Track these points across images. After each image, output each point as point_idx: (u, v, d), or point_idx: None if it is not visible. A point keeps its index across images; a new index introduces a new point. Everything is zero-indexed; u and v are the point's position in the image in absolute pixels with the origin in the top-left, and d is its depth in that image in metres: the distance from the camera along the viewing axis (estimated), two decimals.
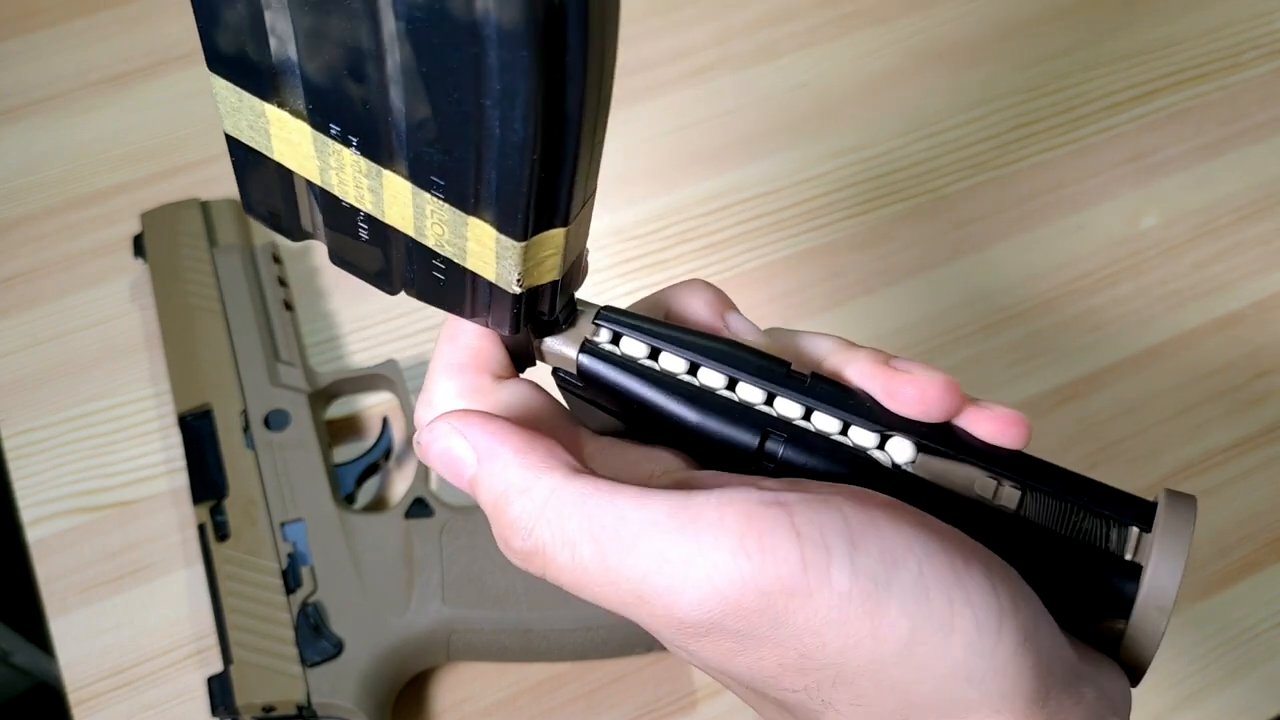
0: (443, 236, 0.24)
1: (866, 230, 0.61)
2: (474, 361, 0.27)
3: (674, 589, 0.22)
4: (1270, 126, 0.65)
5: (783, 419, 0.26)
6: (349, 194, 0.25)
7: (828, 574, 0.22)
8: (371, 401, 0.55)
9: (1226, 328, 0.59)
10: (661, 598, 0.23)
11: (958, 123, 0.64)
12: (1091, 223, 0.62)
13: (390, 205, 0.24)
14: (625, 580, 0.23)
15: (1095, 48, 0.67)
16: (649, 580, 0.23)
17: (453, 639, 0.47)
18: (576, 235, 0.24)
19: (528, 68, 0.19)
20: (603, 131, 0.22)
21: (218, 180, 0.61)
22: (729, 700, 0.50)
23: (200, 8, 0.22)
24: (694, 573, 0.22)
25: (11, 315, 0.57)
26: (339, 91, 0.22)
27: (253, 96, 0.24)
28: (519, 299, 0.24)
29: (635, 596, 0.23)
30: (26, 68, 0.64)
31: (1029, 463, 0.26)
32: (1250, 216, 0.62)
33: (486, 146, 0.21)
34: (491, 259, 0.24)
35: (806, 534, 0.22)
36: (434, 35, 0.20)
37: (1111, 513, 0.26)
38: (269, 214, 0.27)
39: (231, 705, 0.45)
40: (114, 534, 0.52)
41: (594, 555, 0.23)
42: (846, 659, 0.22)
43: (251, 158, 0.25)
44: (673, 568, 0.22)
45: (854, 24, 0.67)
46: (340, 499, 0.50)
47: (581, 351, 0.27)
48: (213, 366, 0.52)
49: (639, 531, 0.23)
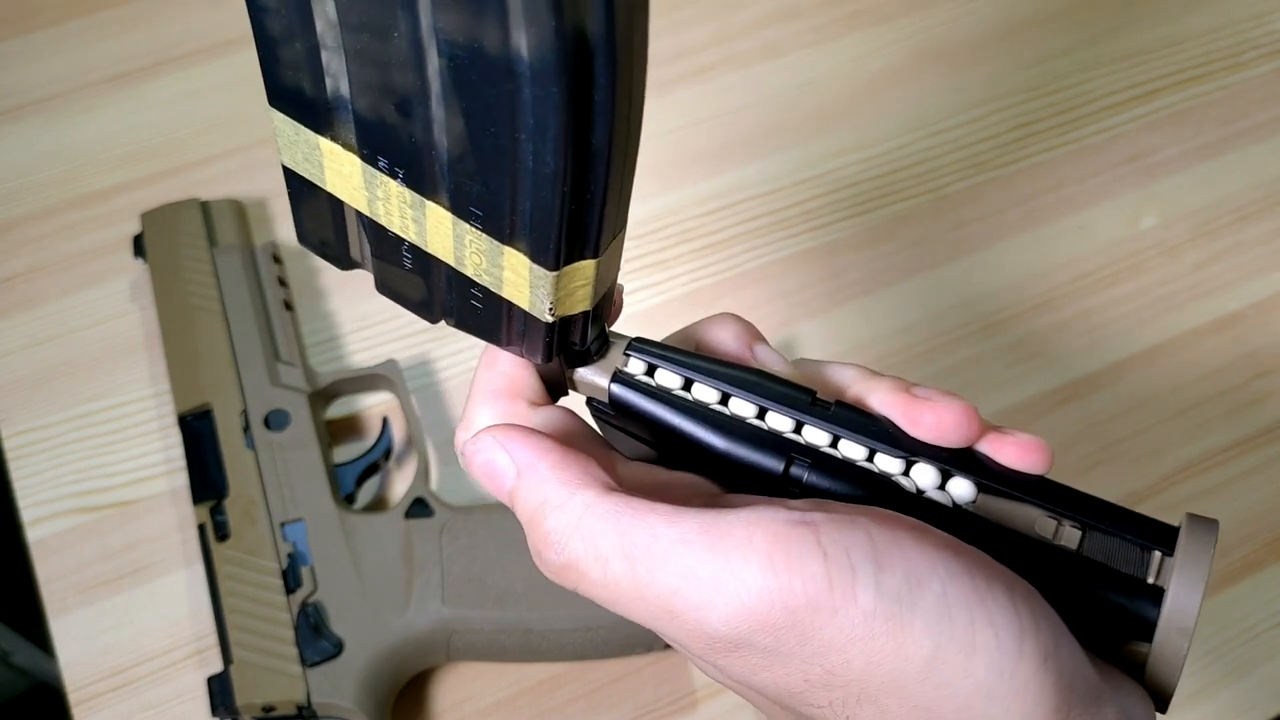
0: (480, 265, 0.25)
1: (867, 230, 0.61)
2: (510, 388, 0.29)
3: (703, 605, 0.23)
4: (1270, 126, 0.65)
5: (809, 445, 0.27)
6: (394, 224, 0.26)
7: (853, 592, 0.22)
8: (371, 401, 0.55)
9: (1226, 328, 0.59)
10: (691, 613, 0.23)
11: (958, 122, 0.64)
12: (1092, 223, 0.62)
13: (432, 235, 0.25)
14: (655, 596, 0.24)
15: (1095, 48, 0.67)
16: (679, 596, 0.23)
17: (453, 639, 0.47)
18: (607, 267, 0.25)
19: (558, 103, 0.20)
20: (632, 165, 0.23)
21: (218, 180, 0.61)
22: (729, 700, 0.50)
23: (262, 46, 0.24)
24: (723, 589, 0.23)
25: (11, 315, 0.57)
26: (387, 126, 0.24)
27: (309, 130, 0.25)
28: (551, 328, 0.26)
29: (666, 611, 0.24)
30: (26, 68, 0.64)
31: (1050, 488, 0.27)
32: (1250, 217, 0.62)
33: (521, 178, 0.22)
34: (525, 288, 0.25)
35: (832, 553, 0.23)
36: (472, 73, 0.21)
37: (1134, 537, 0.26)
38: (320, 243, 0.29)
39: (231, 705, 0.45)
40: (114, 534, 0.52)
41: (625, 571, 0.24)
42: (870, 676, 0.23)
43: (306, 189, 0.27)
44: (702, 584, 0.23)
45: (854, 24, 0.67)
46: (340, 499, 0.50)
47: (613, 381, 0.28)
48: (213, 366, 0.52)
49: (669, 548, 0.23)
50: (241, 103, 0.63)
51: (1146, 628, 0.25)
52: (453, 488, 0.53)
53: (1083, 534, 0.26)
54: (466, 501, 0.53)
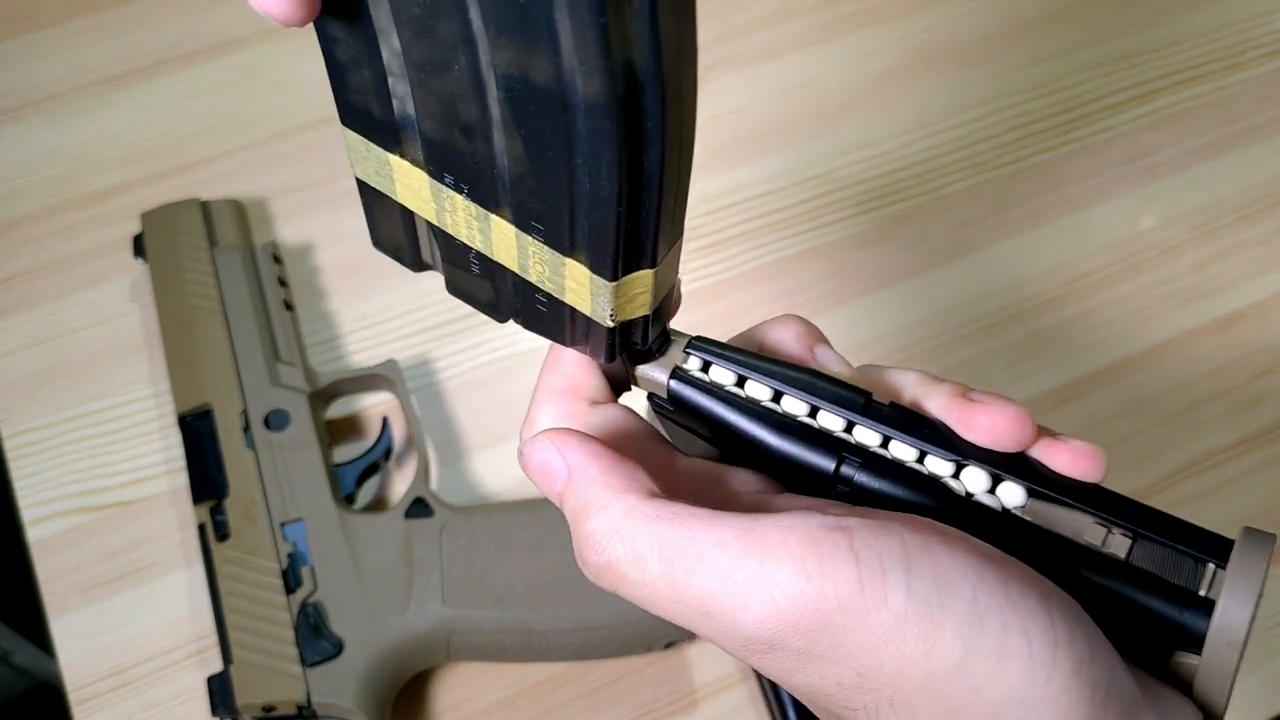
0: (544, 274, 0.26)
1: (868, 230, 0.61)
2: (571, 388, 0.30)
3: (738, 607, 0.24)
4: (1270, 126, 0.65)
5: (859, 445, 0.28)
6: (461, 233, 0.27)
7: (884, 596, 0.23)
8: (371, 401, 0.55)
9: (1226, 328, 0.59)
10: (726, 615, 0.24)
11: (958, 122, 0.64)
12: (1091, 223, 0.62)
13: (498, 245, 0.27)
14: (692, 597, 0.24)
15: (1095, 48, 0.67)
16: (715, 598, 0.24)
17: (453, 639, 0.47)
18: (665, 274, 0.27)
19: (611, 135, 0.21)
20: (685, 182, 0.24)
21: (218, 180, 0.61)
22: (729, 700, 0.50)
23: (332, 71, 0.25)
24: (757, 592, 0.23)
25: (12, 315, 0.57)
26: (451, 146, 0.25)
27: (379, 148, 0.27)
28: (613, 332, 0.27)
29: (701, 613, 0.24)
30: (27, 68, 0.64)
31: (1102, 495, 0.27)
32: (1250, 216, 0.62)
33: (578, 199, 0.23)
34: (587, 296, 0.26)
35: (864, 558, 0.23)
36: (529, 104, 0.22)
37: (1187, 548, 0.26)
38: (393, 248, 0.31)
39: (231, 705, 0.45)
40: (114, 534, 0.52)
41: (663, 573, 0.24)
42: (902, 679, 0.23)
43: (378, 199, 0.28)
44: (737, 587, 0.24)
45: (855, 24, 0.67)
46: (340, 499, 0.50)
47: (672, 377, 0.29)
48: (213, 366, 0.52)
49: (706, 551, 0.24)
50: (242, 103, 0.63)
51: (1195, 640, 0.25)
52: (453, 488, 0.53)
53: (1133, 542, 0.26)
54: (466, 501, 0.53)
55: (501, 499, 0.53)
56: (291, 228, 0.60)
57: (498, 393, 0.56)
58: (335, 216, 0.60)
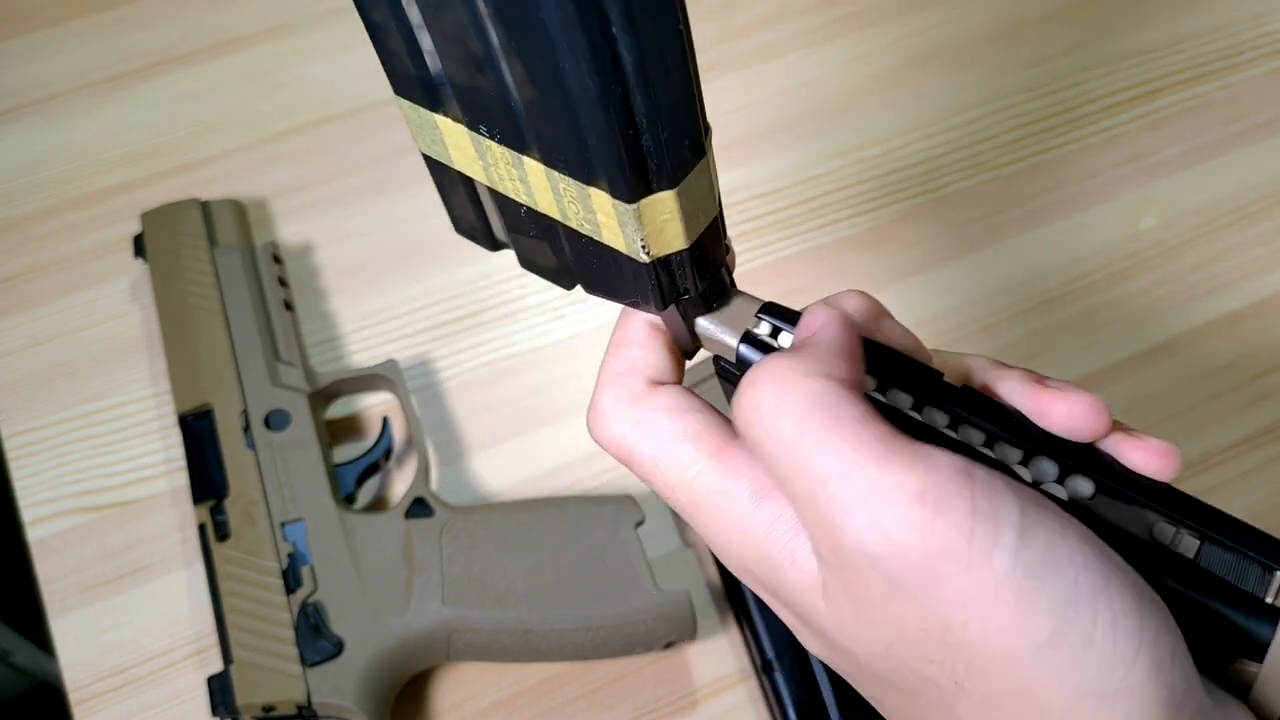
0: (579, 215, 0.26)
1: (867, 230, 0.61)
2: (631, 370, 0.29)
3: (846, 506, 0.23)
4: (1270, 127, 0.65)
5: (928, 425, 0.27)
6: (507, 187, 0.27)
7: (990, 554, 0.22)
8: (371, 401, 0.55)
9: (1226, 328, 0.59)
10: (831, 509, 0.23)
11: (958, 122, 0.64)
12: (1091, 223, 0.62)
13: (536, 191, 0.27)
14: (808, 472, 0.24)
15: (1095, 48, 0.67)
16: (828, 486, 0.23)
17: (453, 639, 0.47)
18: (691, 201, 0.26)
19: (574, 17, 0.21)
20: (678, 88, 0.24)
21: (217, 180, 0.61)
22: (729, 700, 0.50)
23: (374, 37, 0.26)
24: (871, 501, 0.23)
25: (12, 315, 0.57)
26: (475, 89, 0.25)
27: (426, 110, 0.27)
28: (652, 270, 0.27)
29: (808, 495, 0.24)
30: (26, 68, 0.64)
31: (1171, 495, 0.26)
32: (1250, 216, 0.62)
33: (577, 109, 0.23)
34: (617, 229, 0.26)
35: (982, 510, 0.23)
36: (512, 10, 0.22)
37: (1256, 554, 0.26)
38: (469, 229, 0.31)
39: (232, 705, 0.45)
40: (114, 534, 0.52)
41: (793, 435, 0.24)
42: (985, 644, 0.23)
43: (444, 175, 0.29)
44: (854, 486, 0.23)
45: (855, 24, 0.67)
46: (340, 499, 0.50)
47: (742, 342, 0.29)
48: (213, 366, 0.52)
49: (841, 441, 0.24)
50: (242, 103, 0.63)
51: (1259, 648, 0.25)
52: (453, 488, 0.53)
53: (1200, 544, 0.26)
54: (466, 501, 0.53)
55: (502, 499, 0.53)
56: (291, 228, 0.60)
57: (498, 393, 0.56)
58: (335, 216, 0.60)
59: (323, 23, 0.66)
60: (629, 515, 0.48)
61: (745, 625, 0.49)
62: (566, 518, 0.48)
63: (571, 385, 0.56)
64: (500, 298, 0.58)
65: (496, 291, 0.58)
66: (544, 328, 0.58)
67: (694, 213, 0.26)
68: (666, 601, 0.47)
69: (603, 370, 0.30)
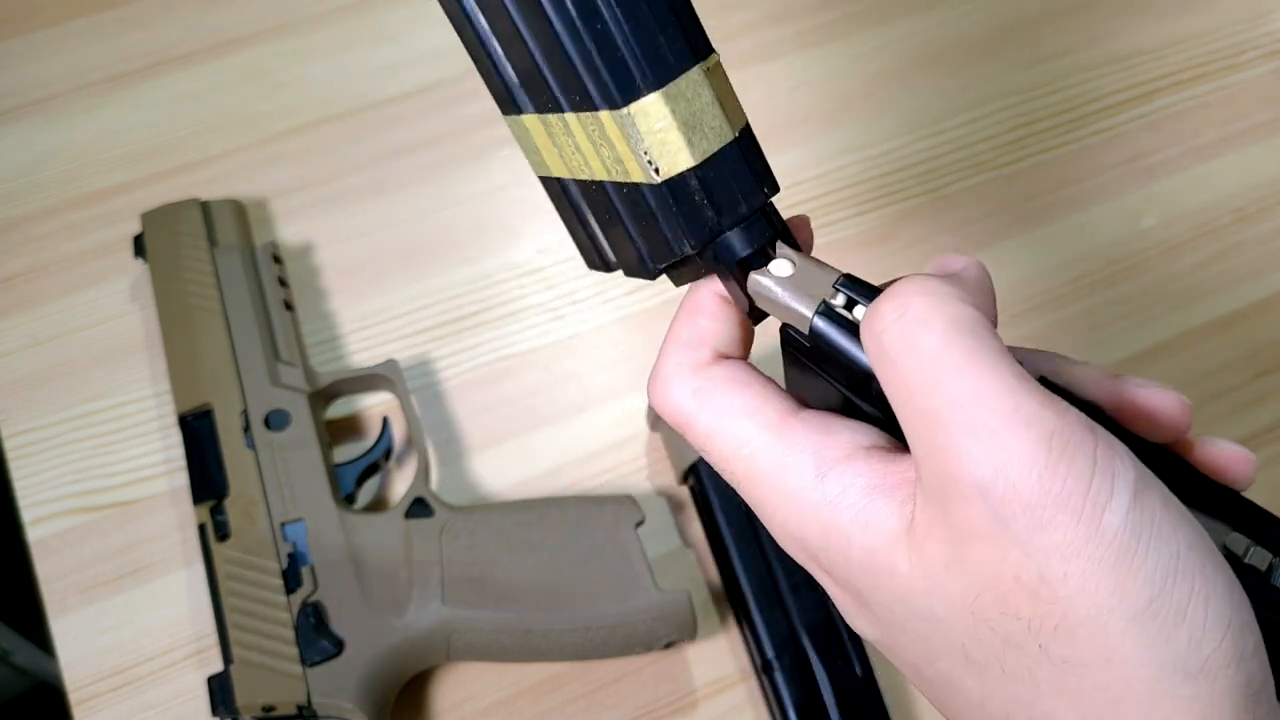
0: (610, 158, 0.27)
1: (867, 230, 0.61)
2: (698, 339, 0.29)
3: (973, 431, 0.23)
4: (1269, 127, 0.65)
5: None
6: (576, 166, 0.29)
7: (1103, 509, 0.22)
8: (371, 401, 0.55)
9: (1226, 328, 0.59)
10: (954, 433, 0.23)
11: (958, 123, 0.64)
12: (1092, 223, 0.62)
13: (586, 151, 0.28)
14: (941, 391, 0.23)
15: (1095, 48, 0.67)
16: (959, 408, 0.23)
17: (453, 639, 0.47)
18: (688, 110, 0.26)
19: None
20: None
21: (217, 180, 0.61)
22: (729, 700, 0.50)
23: (472, 56, 0.29)
24: (999, 432, 0.23)
25: (12, 315, 0.57)
26: (524, 68, 0.28)
27: (515, 116, 0.29)
28: (666, 194, 0.27)
29: (932, 414, 0.23)
30: (27, 68, 0.64)
31: (1242, 505, 0.26)
32: (1250, 217, 0.62)
33: (554, 26, 0.26)
34: (630, 155, 0.27)
35: (1102, 465, 0.22)
36: None
37: None
38: (592, 257, 0.32)
39: (232, 705, 0.45)
40: (114, 534, 0.52)
41: (935, 348, 0.24)
42: (1078, 604, 0.22)
43: (559, 201, 0.31)
44: (985, 414, 0.23)
45: (854, 24, 0.67)
46: (340, 499, 0.50)
47: (818, 313, 0.27)
48: (213, 366, 0.52)
49: (984, 364, 0.23)
50: (242, 103, 0.63)
51: None
52: (453, 488, 0.53)
53: (1273, 558, 0.25)
54: (466, 501, 0.53)
55: (502, 499, 0.53)
56: (291, 228, 0.60)
57: (497, 393, 0.56)
58: (335, 216, 0.60)
59: (323, 23, 0.66)
60: (629, 515, 0.48)
61: (745, 625, 0.49)
62: (567, 518, 0.48)
63: (571, 385, 0.56)
64: (500, 298, 0.58)
65: (496, 291, 0.58)
66: (544, 328, 0.58)
67: (695, 125, 0.26)
68: (666, 601, 0.47)
69: (669, 336, 0.30)
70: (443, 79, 0.64)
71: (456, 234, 0.60)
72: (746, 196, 0.27)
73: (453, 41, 0.28)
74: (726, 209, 0.27)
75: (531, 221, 0.60)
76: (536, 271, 0.59)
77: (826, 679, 0.47)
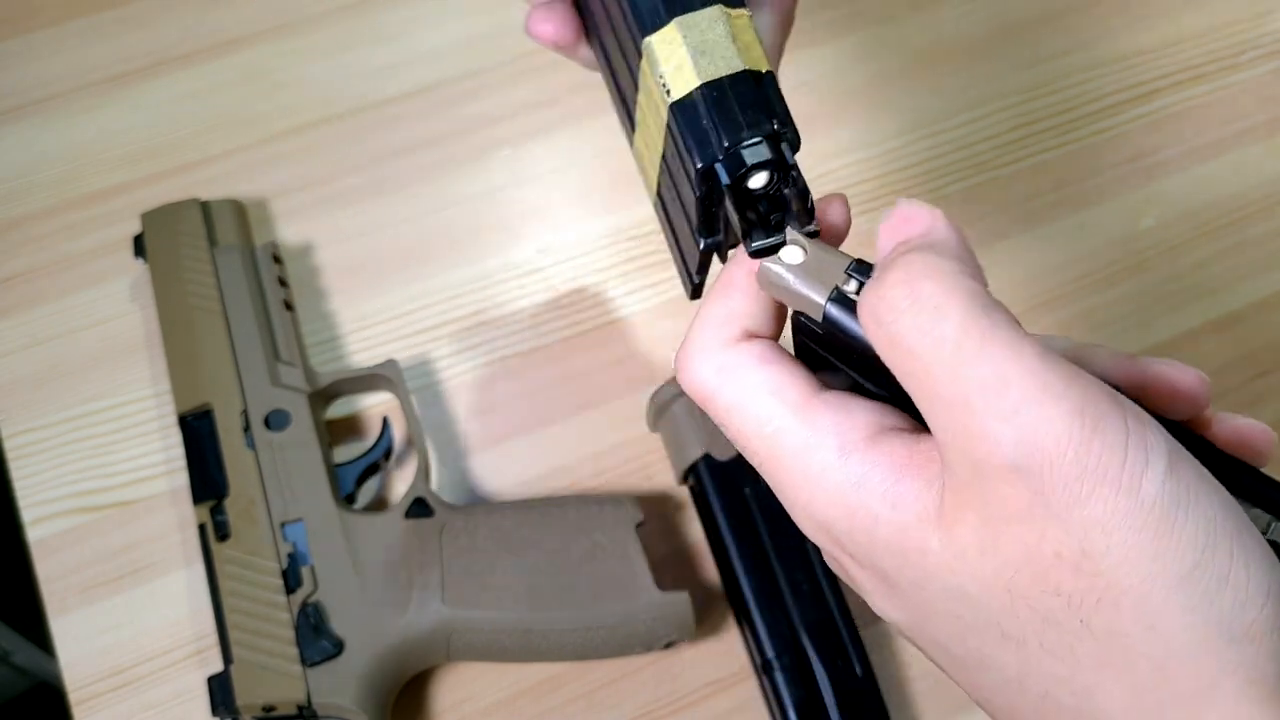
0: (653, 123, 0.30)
1: (867, 230, 0.61)
2: (729, 316, 0.29)
3: (1002, 414, 0.23)
4: (1269, 127, 0.65)
5: None
6: (652, 148, 0.31)
7: (1140, 478, 0.22)
8: (372, 401, 0.55)
9: (1226, 328, 0.59)
10: (984, 418, 0.23)
11: (958, 123, 0.64)
12: (1091, 223, 0.62)
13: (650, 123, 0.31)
14: (966, 377, 0.23)
15: (1094, 48, 0.67)
16: (984, 390, 0.23)
17: (453, 639, 0.47)
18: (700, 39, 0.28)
19: None
20: None
21: (218, 180, 0.61)
22: (729, 700, 0.50)
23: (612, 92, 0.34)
24: (1029, 412, 0.22)
25: (12, 315, 0.57)
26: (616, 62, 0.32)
27: (632, 133, 0.33)
28: (676, 117, 0.28)
29: (959, 400, 0.23)
30: (27, 68, 0.64)
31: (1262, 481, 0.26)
32: (1249, 217, 0.62)
33: None
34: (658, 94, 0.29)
35: (1134, 438, 0.22)
36: None
37: None
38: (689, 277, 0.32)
39: (232, 705, 0.45)
40: (114, 534, 0.52)
41: (955, 337, 0.23)
42: (1122, 573, 0.22)
43: (660, 219, 0.33)
44: (1012, 395, 0.23)
45: (854, 24, 0.67)
46: (340, 499, 0.50)
47: (830, 301, 0.27)
48: (213, 366, 0.52)
49: (1004, 344, 0.23)
50: (242, 103, 0.63)
51: None
52: (452, 488, 0.53)
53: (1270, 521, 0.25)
54: (466, 501, 0.53)
55: (501, 499, 0.53)
56: (292, 228, 0.60)
57: (498, 393, 0.56)
58: (335, 216, 0.60)
59: (323, 23, 0.66)
60: (629, 515, 0.48)
61: (745, 625, 0.49)
62: (567, 518, 0.48)
63: (571, 385, 0.56)
64: (500, 298, 0.58)
65: (496, 292, 0.58)
66: (543, 328, 0.58)
67: (705, 51, 0.28)
68: (666, 602, 0.47)
69: (699, 312, 0.30)
70: (443, 79, 0.64)
71: (456, 234, 0.60)
72: (752, 123, 0.27)
73: (453, 41, 0.28)
74: (729, 129, 0.27)
75: (531, 221, 0.60)
76: (536, 271, 0.59)
77: (826, 679, 0.47)
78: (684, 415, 0.51)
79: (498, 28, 0.65)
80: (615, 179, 0.61)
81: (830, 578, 0.49)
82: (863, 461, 0.26)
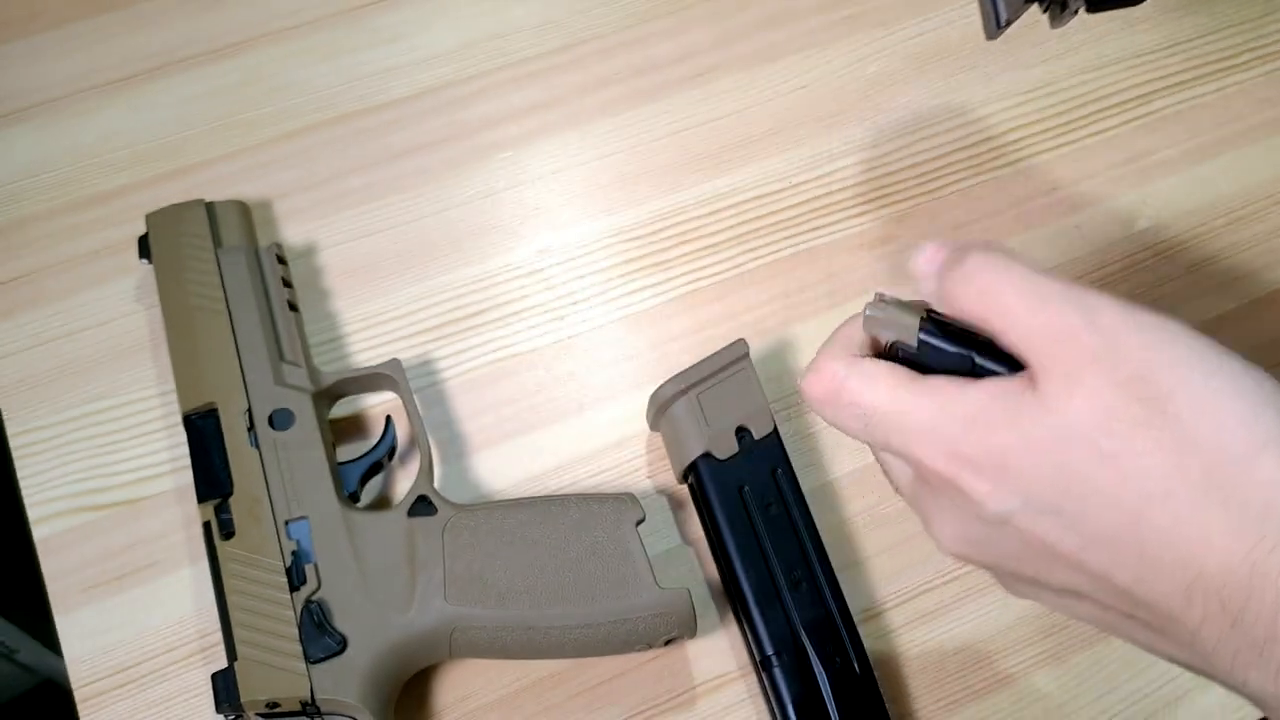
0: None
1: (866, 231, 0.61)
2: (847, 345, 0.38)
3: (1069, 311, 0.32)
4: (1265, 128, 0.65)
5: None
6: None
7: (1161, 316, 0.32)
8: (375, 401, 0.56)
9: (1222, 329, 0.59)
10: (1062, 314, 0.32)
11: (956, 124, 0.65)
12: (1088, 224, 0.62)
13: None
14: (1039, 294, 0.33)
15: (1091, 50, 0.67)
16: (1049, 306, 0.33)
17: (455, 636, 0.47)
18: None
19: None
20: None
21: (221, 181, 0.61)
22: (728, 696, 0.50)
23: None
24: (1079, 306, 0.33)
25: (17, 315, 0.57)
26: None
27: None
28: None
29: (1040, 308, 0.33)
30: (31, 70, 0.64)
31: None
32: (1245, 218, 0.63)
33: None
34: None
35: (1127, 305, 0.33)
36: None
37: None
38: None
39: (236, 702, 0.45)
40: (119, 532, 0.52)
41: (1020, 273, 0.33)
42: (1164, 376, 0.31)
43: None
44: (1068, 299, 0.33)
45: (853, 26, 0.68)
46: (344, 497, 0.50)
47: (922, 319, 0.36)
48: (217, 366, 0.52)
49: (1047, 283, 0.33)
50: (245, 105, 0.64)
51: None
52: (455, 486, 0.54)
53: None
54: (469, 500, 0.53)
55: (504, 497, 0.54)
56: (295, 228, 0.60)
57: (500, 392, 0.56)
58: (339, 217, 0.61)
59: (323, 26, 0.66)
60: (630, 513, 0.49)
61: (744, 622, 0.50)
62: (568, 515, 0.49)
63: (571, 385, 0.57)
64: (501, 298, 0.59)
65: (498, 292, 0.59)
66: (544, 328, 0.58)
67: None
68: (667, 598, 0.47)
69: (828, 344, 0.38)
70: (443, 82, 0.64)
71: (458, 235, 0.60)
72: None
73: (454, 44, 0.28)
74: None
75: (531, 222, 0.61)
76: (537, 272, 0.59)
77: (825, 675, 0.48)
78: (684, 414, 0.52)
79: (499, 30, 0.66)
80: (615, 180, 0.62)
81: (829, 575, 0.50)
82: (974, 390, 0.33)
